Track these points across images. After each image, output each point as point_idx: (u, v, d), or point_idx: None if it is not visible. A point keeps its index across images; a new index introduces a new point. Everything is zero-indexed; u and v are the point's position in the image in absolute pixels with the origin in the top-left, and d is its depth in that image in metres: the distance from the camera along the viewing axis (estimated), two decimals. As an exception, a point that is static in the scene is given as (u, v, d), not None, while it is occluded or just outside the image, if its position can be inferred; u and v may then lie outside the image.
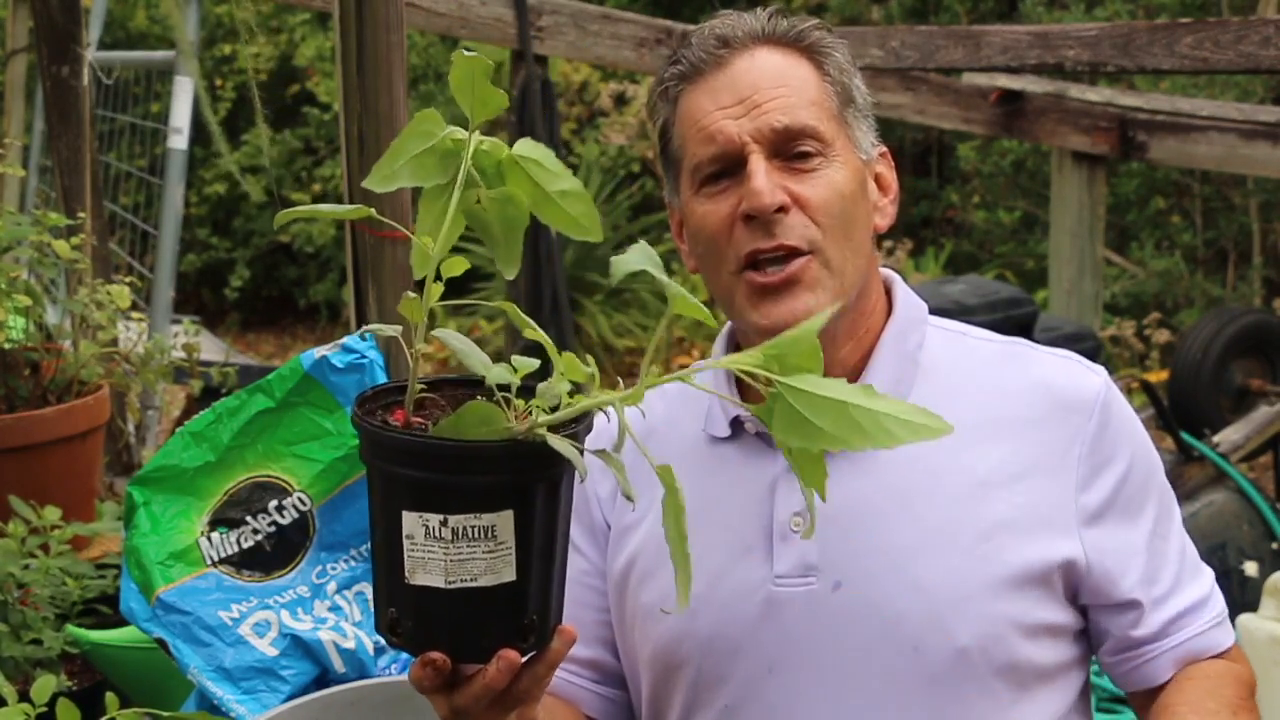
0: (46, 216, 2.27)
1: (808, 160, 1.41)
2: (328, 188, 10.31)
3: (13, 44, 4.91)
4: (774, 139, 1.41)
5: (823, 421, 0.97)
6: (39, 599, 1.93)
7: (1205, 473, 4.42)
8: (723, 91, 1.44)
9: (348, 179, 1.92)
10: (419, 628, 1.11)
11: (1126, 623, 1.45)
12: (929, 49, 4.95)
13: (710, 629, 1.44)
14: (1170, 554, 1.48)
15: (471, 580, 1.08)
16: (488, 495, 1.07)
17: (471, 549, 1.07)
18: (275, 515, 1.74)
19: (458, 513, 1.07)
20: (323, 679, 1.68)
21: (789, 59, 1.45)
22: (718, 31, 1.46)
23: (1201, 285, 7.84)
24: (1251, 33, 4.19)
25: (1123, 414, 1.48)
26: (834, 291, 1.41)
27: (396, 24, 1.87)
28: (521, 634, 1.12)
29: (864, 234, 1.45)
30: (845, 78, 1.47)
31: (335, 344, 1.78)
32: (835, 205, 1.41)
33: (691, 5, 9.77)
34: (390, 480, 1.11)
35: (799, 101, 1.42)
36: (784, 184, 1.40)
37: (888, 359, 1.47)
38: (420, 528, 1.08)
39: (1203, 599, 1.50)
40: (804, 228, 1.40)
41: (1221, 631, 1.50)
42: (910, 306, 1.53)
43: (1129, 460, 1.46)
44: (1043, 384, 1.47)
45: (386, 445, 1.10)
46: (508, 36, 4.90)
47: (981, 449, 1.43)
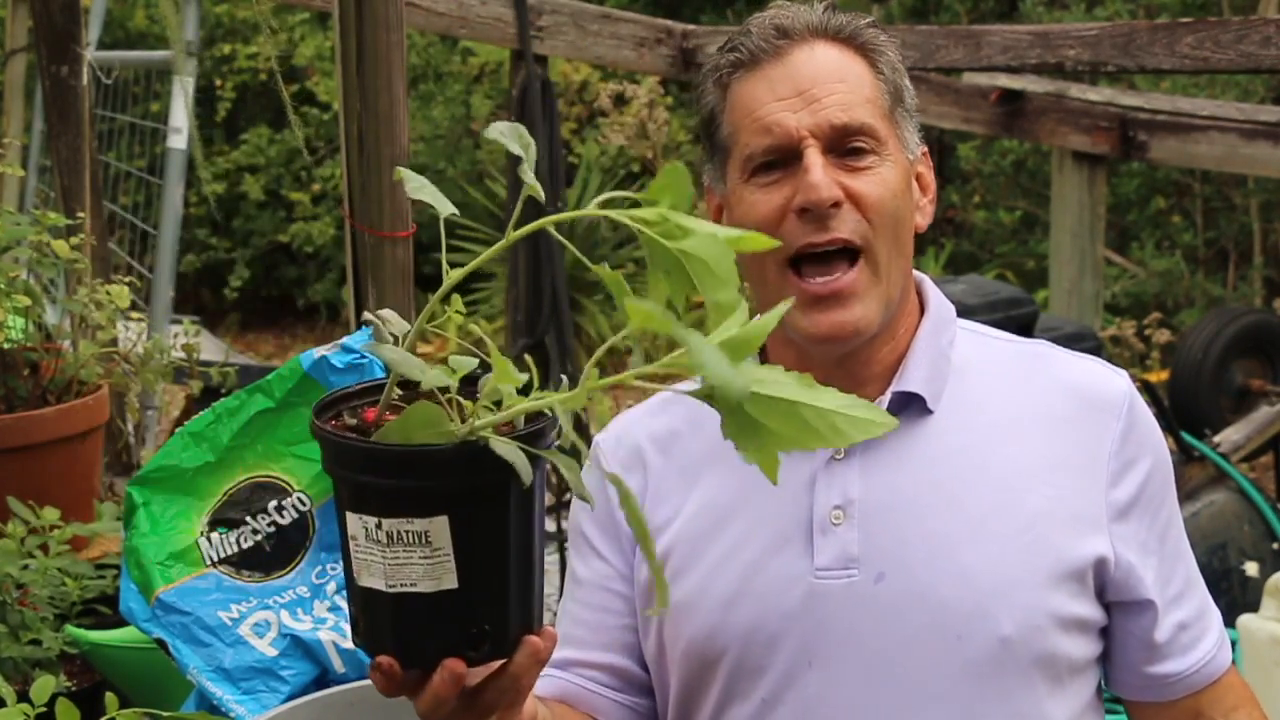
0: (46, 216, 2.27)
1: (862, 157, 1.42)
2: (327, 187, 10.31)
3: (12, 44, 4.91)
4: (831, 134, 1.41)
5: (773, 423, 0.94)
6: (38, 599, 1.93)
7: (1206, 473, 4.42)
8: (781, 82, 1.44)
9: (347, 179, 1.91)
10: (369, 629, 1.11)
11: (1146, 624, 1.47)
12: (929, 49, 4.94)
13: (749, 621, 1.44)
14: (1181, 556, 1.51)
15: (411, 585, 1.06)
16: (417, 500, 1.05)
17: (408, 554, 1.06)
18: (275, 515, 1.74)
19: (390, 516, 1.05)
20: (323, 679, 1.68)
21: (845, 55, 1.45)
22: (776, 22, 1.46)
23: (1202, 285, 7.84)
24: (1252, 32, 4.18)
25: (1146, 416, 1.50)
26: (881, 298, 1.42)
27: (396, 24, 1.87)
28: (470, 643, 1.09)
29: (909, 233, 1.46)
30: (897, 77, 1.47)
31: (335, 344, 1.78)
32: (888, 203, 1.42)
33: (691, 5, 9.78)
34: (336, 481, 1.11)
35: (856, 98, 1.42)
36: (838, 179, 1.41)
37: (923, 356, 1.48)
38: (360, 529, 1.07)
39: (1207, 607, 1.53)
40: (857, 223, 1.41)
41: (1227, 645, 1.54)
42: (942, 306, 1.54)
43: (1152, 461, 1.48)
44: (1071, 384, 1.48)
45: (327, 446, 1.09)
46: (507, 36, 4.90)
47: (1017, 443, 1.45)
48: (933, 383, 1.47)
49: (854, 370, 1.48)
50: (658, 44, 5.23)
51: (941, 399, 1.46)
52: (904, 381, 1.46)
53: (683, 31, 5.35)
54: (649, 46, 5.22)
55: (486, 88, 10.26)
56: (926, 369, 1.47)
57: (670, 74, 5.49)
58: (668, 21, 5.43)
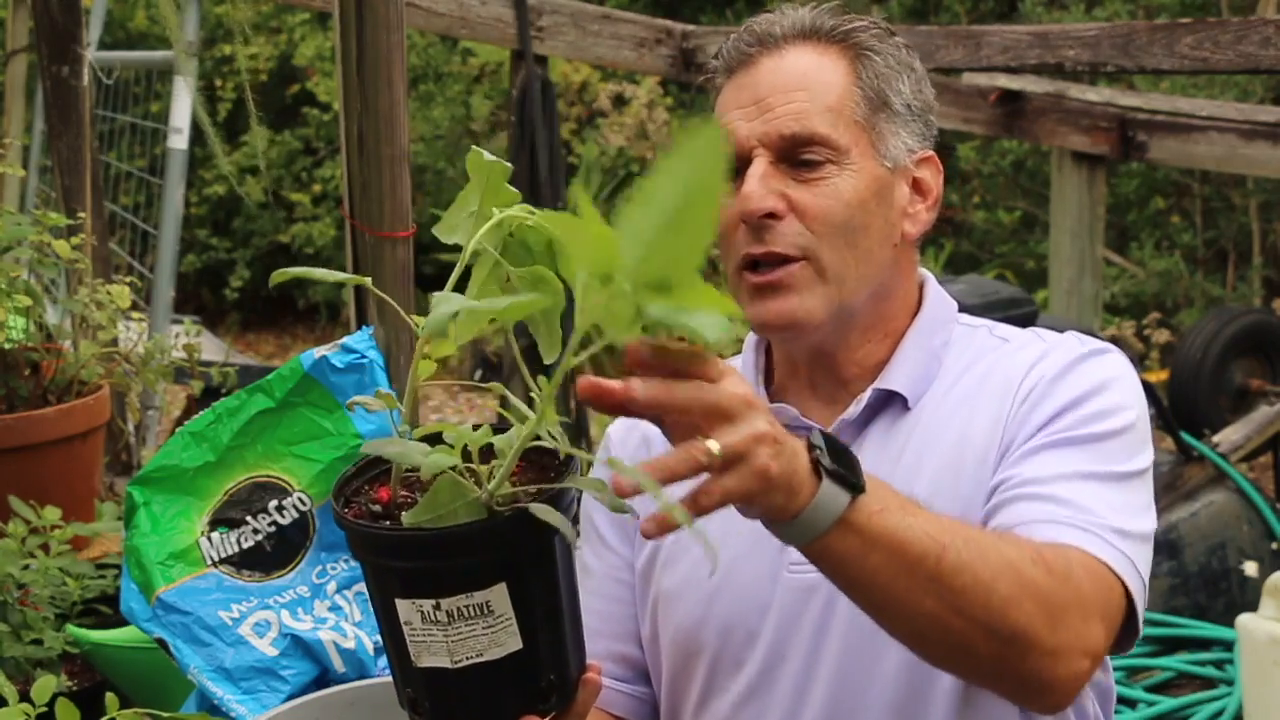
0: (46, 216, 2.27)
1: (815, 169, 1.42)
2: (327, 188, 10.31)
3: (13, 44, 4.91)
4: (780, 144, 1.42)
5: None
6: (39, 599, 1.93)
7: (1205, 473, 4.42)
8: (744, 90, 1.45)
9: (347, 179, 1.92)
10: (436, 708, 1.10)
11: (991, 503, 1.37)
12: (929, 49, 4.95)
13: (727, 616, 1.46)
14: (1070, 465, 1.35)
15: (478, 656, 1.06)
16: (475, 574, 1.05)
17: (470, 627, 1.06)
18: (275, 515, 1.74)
19: (448, 595, 1.05)
20: (323, 679, 1.68)
21: (823, 58, 1.45)
22: (756, 27, 1.47)
23: (1201, 285, 7.84)
24: (1251, 33, 4.18)
25: (1098, 370, 1.42)
26: (824, 296, 1.42)
27: (396, 24, 1.87)
28: (541, 696, 1.10)
29: (875, 241, 1.44)
30: (884, 82, 1.46)
31: (335, 344, 1.78)
32: (837, 214, 1.41)
33: (691, 5, 9.78)
34: (379, 571, 1.10)
35: (815, 107, 1.42)
36: (784, 189, 1.41)
37: (909, 356, 1.49)
38: (416, 613, 1.06)
39: (1087, 505, 1.32)
40: (797, 235, 1.41)
41: (1082, 535, 1.30)
42: (940, 306, 1.54)
43: (1081, 394, 1.39)
44: (1033, 356, 1.46)
45: (367, 540, 1.08)
46: (508, 36, 4.90)
47: (967, 424, 1.43)
48: (918, 382, 1.47)
49: (833, 369, 1.49)
50: (658, 44, 5.23)
51: (924, 397, 1.47)
52: (886, 380, 1.47)
53: (683, 32, 5.35)
54: (649, 47, 5.22)
55: (486, 88, 10.26)
56: (911, 368, 1.47)
57: (670, 74, 5.50)
58: (668, 22, 5.43)
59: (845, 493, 1.12)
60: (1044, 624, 1.19)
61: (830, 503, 1.11)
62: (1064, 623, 1.21)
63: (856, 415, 1.46)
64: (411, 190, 1.97)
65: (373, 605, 1.13)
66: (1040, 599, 1.20)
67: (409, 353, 1.94)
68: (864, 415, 1.47)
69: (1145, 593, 1.34)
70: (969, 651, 1.20)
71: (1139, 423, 1.41)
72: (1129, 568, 1.30)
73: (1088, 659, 1.24)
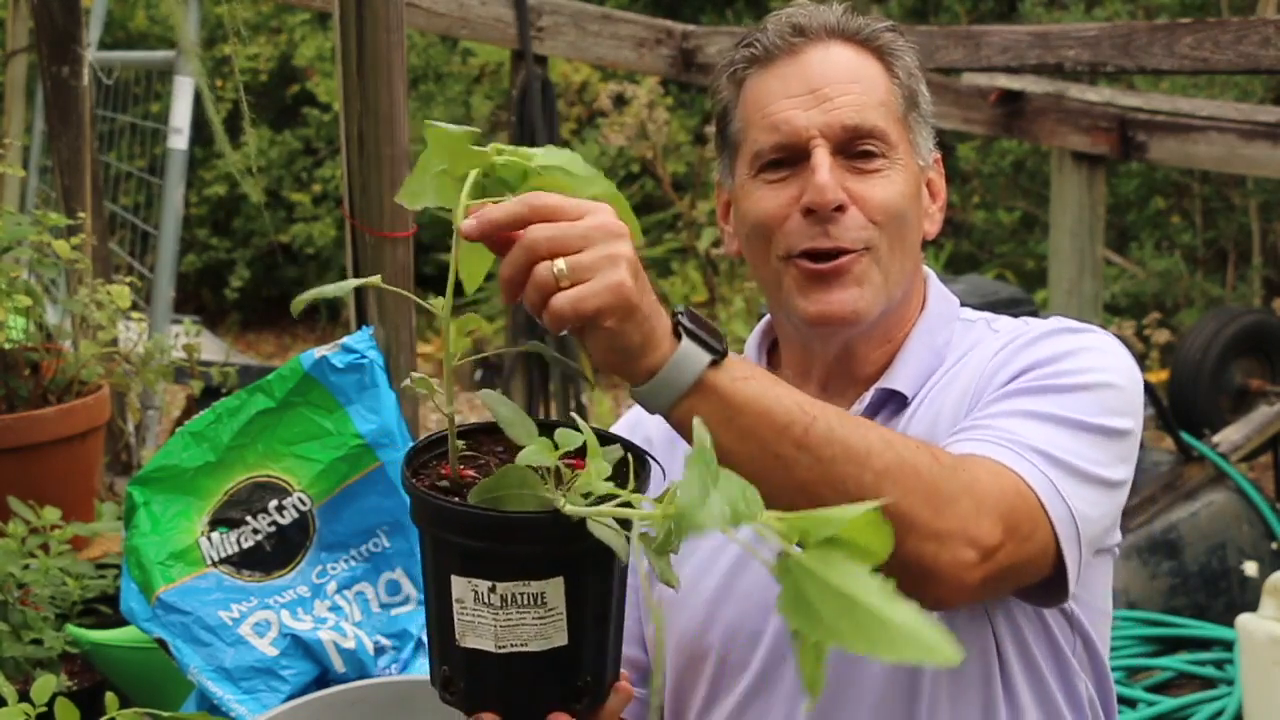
0: (46, 216, 2.27)
1: (871, 160, 1.42)
2: (328, 188, 10.31)
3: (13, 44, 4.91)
4: (841, 136, 1.41)
5: (825, 612, 0.84)
6: (39, 599, 1.93)
7: (1205, 473, 4.42)
8: (793, 80, 1.43)
9: (347, 179, 1.92)
10: (471, 689, 1.11)
11: None
12: (929, 49, 4.95)
13: (732, 620, 1.46)
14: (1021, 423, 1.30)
15: (522, 645, 1.07)
16: (536, 564, 1.06)
17: (521, 615, 1.06)
18: (275, 515, 1.75)
19: (506, 580, 1.06)
20: (323, 679, 1.68)
21: (861, 57, 1.45)
22: (794, 20, 1.46)
23: (1201, 285, 7.84)
24: (1251, 33, 4.18)
25: (1074, 340, 1.39)
26: (880, 290, 1.42)
27: (396, 24, 1.87)
28: (575, 696, 1.11)
29: (915, 238, 1.46)
30: (913, 82, 1.47)
31: (335, 344, 1.78)
32: (895, 207, 1.42)
33: (691, 5, 9.78)
34: (438, 544, 1.10)
35: (869, 101, 1.42)
36: (845, 182, 1.41)
37: (913, 355, 1.49)
38: (469, 592, 1.07)
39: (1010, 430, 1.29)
40: (860, 228, 1.40)
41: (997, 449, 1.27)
42: (943, 303, 1.54)
43: (1049, 355, 1.37)
44: (1011, 333, 1.46)
45: (432, 511, 1.09)
46: (508, 36, 4.90)
47: (942, 402, 1.43)
48: (918, 380, 1.47)
49: (850, 368, 1.49)
50: (658, 44, 5.23)
51: (921, 392, 1.47)
52: (890, 379, 1.47)
53: (683, 32, 5.35)
54: (649, 47, 5.22)
55: (486, 88, 10.26)
56: (914, 367, 1.48)
57: (670, 74, 5.49)
58: (668, 22, 5.43)
59: (704, 353, 1.10)
60: (924, 505, 1.16)
61: (689, 361, 1.10)
62: (949, 509, 1.17)
63: (859, 414, 1.46)
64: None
65: (424, 578, 1.14)
66: (921, 481, 1.16)
67: (409, 352, 1.94)
68: (866, 413, 1.46)
69: (1080, 537, 1.27)
70: None
71: (1120, 386, 1.35)
72: (1049, 489, 1.24)
73: (974, 549, 1.18)
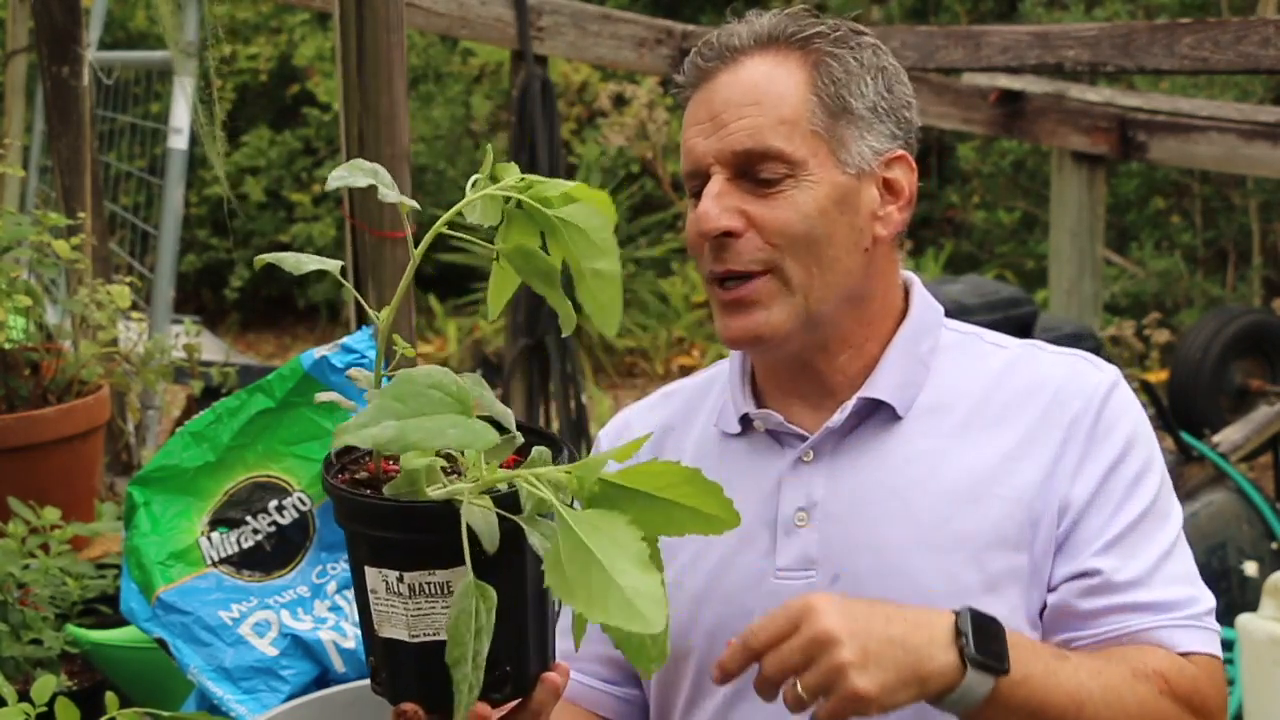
0: (46, 216, 2.27)
1: (772, 184, 1.41)
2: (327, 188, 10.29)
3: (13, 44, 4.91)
4: (735, 160, 1.42)
5: (571, 568, 0.95)
6: (39, 599, 1.93)
7: (1205, 473, 4.42)
8: (701, 106, 1.45)
9: (348, 179, 1.91)
10: (391, 679, 1.13)
11: (1077, 589, 1.40)
12: (929, 49, 4.94)
13: (715, 619, 1.46)
14: (1152, 549, 1.41)
15: (434, 634, 1.08)
16: (438, 553, 1.07)
17: (430, 604, 1.08)
18: (275, 515, 1.75)
19: (411, 569, 1.07)
20: (323, 679, 1.68)
21: (779, 68, 1.44)
22: (716, 40, 1.47)
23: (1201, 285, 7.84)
24: (1251, 33, 4.18)
25: (1123, 409, 1.46)
26: (791, 308, 1.42)
27: (396, 24, 1.87)
28: (494, 685, 1.11)
29: (841, 249, 1.44)
30: (843, 88, 1.44)
31: (335, 344, 1.78)
32: (796, 226, 1.41)
33: (691, 5, 9.78)
34: (353, 536, 1.13)
35: (768, 121, 1.41)
36: (743, 205, 1.41)
37: (897, 362, 1.48)
38: (381, 582, 1.09)
39: (1177, 600, 1.40)
40: (757, 250, 1.41)
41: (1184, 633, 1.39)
42: (926, 309, 1.53)
43: (1121, 450, 1.43)
44: (1044, 382, 1.46)
45: (343, 504, 1.11)
46: (508, 36, 4.90)
47: (979, 448, 1.44)
48: (904, 389, 1.46)
49: (817, 379, 1.49)
50: (658, 44, 5.23)
51: (913, 405, 1.46)
52: (871, 389, 1.46)
53: (683, 32, 5.35)
54: (649, 47, 5.22)
55: (486, 88, 10.26)
56: (898, 376, 1.47)
57: (670, 74, 5.48)
58: (668, 22, 5.43)
59: (989, 678, 1.21)
60: None
61: (976, 688, 1.22)
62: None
63: (841, 423, 1.46)
64: (411, 190, 1.97)
65: (351, 574, 1.16)
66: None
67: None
68: (849, 422, 1.46)
69: None
70: None
71: (1158, 449, 1.47)
72: (1215, 641, 1.41)
73: None
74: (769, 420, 1.49)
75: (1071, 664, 1.29)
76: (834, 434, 1.46)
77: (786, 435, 1.49)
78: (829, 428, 1.46)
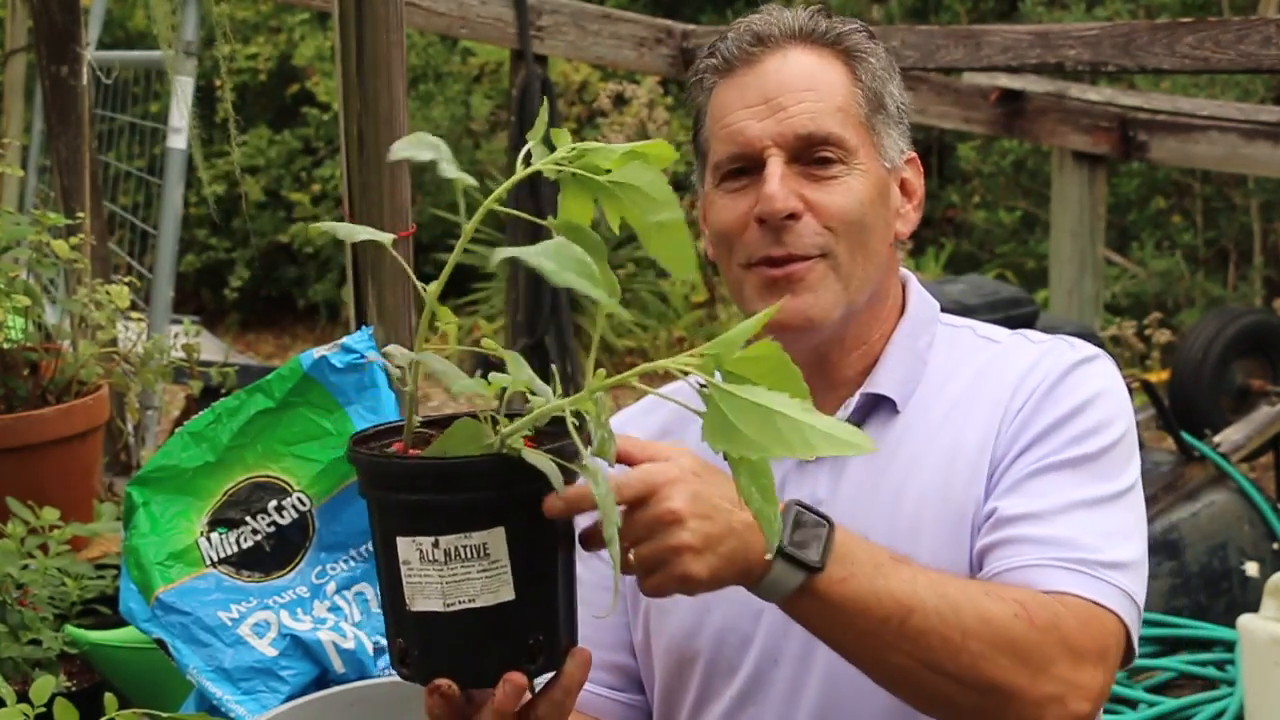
0: (46, 216, 2.27)
1: (828, 167, 1.42)
2: (327, 188, 10.31)
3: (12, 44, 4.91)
4: (795, 144, 1.42)
5: (747, 427, 0.98)
6: (38, 599, 1.93)
7: (1206, 473, 4.42)
8: (750, 90, 1.44)
9: (347, 179, 1.91)
10: (424, 655, 1.12)
11: (984, 532, 1.39)
12: (929, 49, 4.94)
13: (721, 622, 1.46)
14: (1065, 495, 1.36)
15: (470, 601, 1.08)
16: (475, 512, 1.07)
17: (466, 569, 1.08)
18: (275, 515, 1.74)
19: (448, 533, 1.07)
20: (322, 679, 1.68)
21: (823, 61, 1.45)
22: (754, 27, 1.46)
23: (1202, 285, 7.84)
24: (1252, 32, 4.18)
25: (1085, 380, 1.42)
26: (838, 294, 1.43)
27: (396, 24, 1.87)
28: (528, 655, 1.11)
29: (880, 242, 1.46)
30: (878, 84, 1.47)
31: (335, 344, 1.78)
32: (852, 213, 1.42)
33: (691, 5, 9.78)
34: (383, 507, 1.12)
35: (825, 107, 1.42)
36: (800, 190, 1.41)
37: (897, 359, 1.48)
38: (415, 552, 1.09)
39: (1070, 539, 1.34)
40: (815, 234, 1.41)
41: (1064, 574, 1.32)
42: (923, 305, 1.54)
43: (1068, 412, 1.40)
44: (1021, 367, 1.46)
45: (376, 471, 1.12)
46: (508, 36, 4.90)
47: (958, 432, 1.44)
48: (905, 385, 1.47)
49: (826, 373, 1.48)
50: (658, 44, 5.23)
51: (911, 399, 1.47)
52: (874, 384, 1.47)
53: (683, 31, 5.35)
54: (649, 46, 5.22)
55: (486, 88, 10.26)
56: (899, 371, 1.48)
57: (670, 74, 5.49)
58: (668, 21, 5.43)
59: (799, 571, 1.19)
60: (1023, 675, 1.24)
61: (784, 580, 1.20)
62: (1048, 673, 1.26)
63: (845, 419, 1.46)
64: (411, 190, 1.96)
65: (375, 556, 1.15)
66: (1019, 652, 1.25)
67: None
68: (853, 419, 1.46)
69: (1140, 614, 1.37)
70: (948, 701, 1.26)
71: (1128, 435, 1.42)
72: (1123, 601, 1.33)
73: (1087, 703, 1.28)
74: None
75: (909, 572, 1.26)
76: None
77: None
78: None
